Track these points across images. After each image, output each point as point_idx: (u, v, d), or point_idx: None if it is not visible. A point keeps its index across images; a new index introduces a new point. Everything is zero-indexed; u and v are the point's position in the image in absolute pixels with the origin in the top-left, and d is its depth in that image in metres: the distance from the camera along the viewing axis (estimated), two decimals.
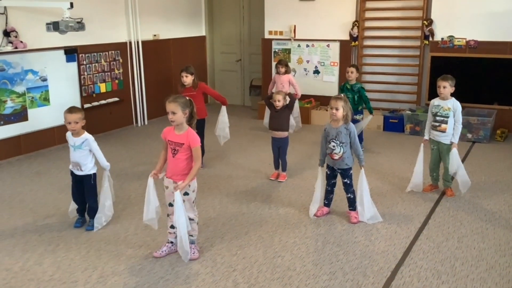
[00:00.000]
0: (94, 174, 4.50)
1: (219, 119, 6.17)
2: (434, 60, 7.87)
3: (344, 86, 6.80)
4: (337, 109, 4.45)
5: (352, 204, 4.66)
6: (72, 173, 4.52)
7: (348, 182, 4.62)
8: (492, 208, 4.91)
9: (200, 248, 4.10)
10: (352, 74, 6.64)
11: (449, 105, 5.03)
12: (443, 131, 5.07)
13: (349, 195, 4.65)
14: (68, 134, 4.45)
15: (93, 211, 4.55)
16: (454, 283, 3.57)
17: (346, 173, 4.60)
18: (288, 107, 5.66)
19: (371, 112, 6.62)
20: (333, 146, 4.51)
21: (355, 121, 6.72)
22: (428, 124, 5.24)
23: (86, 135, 4.42)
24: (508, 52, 7.38)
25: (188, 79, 5.99)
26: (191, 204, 3.90)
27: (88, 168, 4.45)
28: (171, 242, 4.04)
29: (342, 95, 4.67)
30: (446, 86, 5.02)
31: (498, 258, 3.93)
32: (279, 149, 5.69)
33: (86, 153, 4.42)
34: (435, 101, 5.16)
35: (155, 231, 4.41)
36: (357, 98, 6.63)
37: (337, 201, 4.87)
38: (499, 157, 6.54)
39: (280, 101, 5.58)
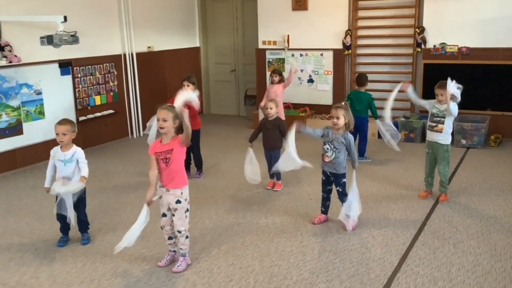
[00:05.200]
0: (84, 187, 4.39)
1: None
2: (427, 67, 7.92)
3: (352, 95, 6.92)
4: (338, 118, 4.46)
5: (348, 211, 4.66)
6: None
7: (341, 190, 4.63)
8: (487, 213, 4.93)
9: (196, 258, 4.10)
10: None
11: (446, 106, 5.09)
12: (440, 131, 5.10)
13: (343, 203, 4.65)
14: (56, 150, 4.32)
15: (85, 224, 4.50)
16: None
17: (337, 180, 4.61)
18: (280, 130, 5.62)
19: (376, 118, 6.72)
20: (327, 148, 4.55)
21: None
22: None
23: (76, 147, 4.32)
24: (500, 58, 7.44)
25: (189, 88, 6.03)
26: (183, 213, 3.86)
27: (79, 184, 4.27)
28: (174, 251, 4.06)
29: (343, 103, 4.67)
30: (444, 94, 5.06)
31: (494, 263, 3.94)
32: (271, 158, 5.70)
33: (76, 166, 4.29)
34: (434, 101, 5.21)
35: (151, 243, 4.41)
36: (363, 108, 6.75)
37: (333, 209, 4.87)
38: (494, 163, 6.57)
39: (272, 109, 5.59)
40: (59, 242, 4.45)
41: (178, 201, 3.83)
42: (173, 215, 3.88)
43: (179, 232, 3.91)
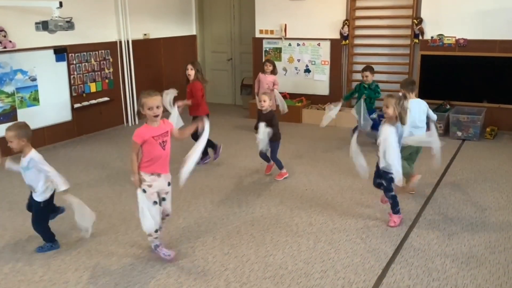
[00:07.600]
0: (45, 201, 3.97)
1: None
2: (424, 58, 7.89)
3: (361, 86, 7.00)
4: (387, 107, 4.30)
5: (392, 207, 4.54)
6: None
7: (385, 184, 4.49)
8: (481, 205, 4.94)
9: (191, 247, 4.10)
10: (368, 78, 6.93)
11: None
12: None
13: (387, 199, 4.58)
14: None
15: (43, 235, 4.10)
16: (445, 280, 3.59)
17: (383, 174, 4.46)
18: (272, 124, 5.52)
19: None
20: (378, 143, 4.40)
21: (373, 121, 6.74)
22: None
23: (31, 153, 3.88)
24: (497, 50, 7.43)
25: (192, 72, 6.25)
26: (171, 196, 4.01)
27: (38, 193, 3.94)
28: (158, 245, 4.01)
29: (400, 93, 4.49)
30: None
31: (488, 255, 3.96)
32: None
33: (36, 174, 3.90)
34: None
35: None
36: (373, 98, 6.92)
37: (328, 199, 4.88)
38: (489, 155, 6.58)
39: (266, 102, 5.51)
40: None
41: (169, 184, 3.91)
42: (164, 199, 3.90)
43: (169, 215, 4.03)
